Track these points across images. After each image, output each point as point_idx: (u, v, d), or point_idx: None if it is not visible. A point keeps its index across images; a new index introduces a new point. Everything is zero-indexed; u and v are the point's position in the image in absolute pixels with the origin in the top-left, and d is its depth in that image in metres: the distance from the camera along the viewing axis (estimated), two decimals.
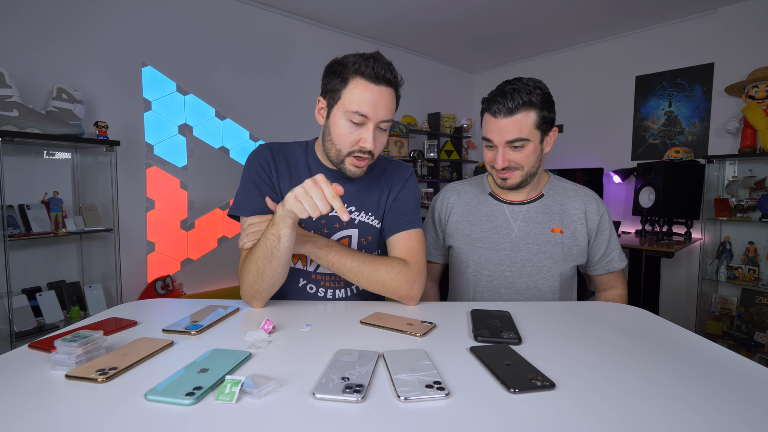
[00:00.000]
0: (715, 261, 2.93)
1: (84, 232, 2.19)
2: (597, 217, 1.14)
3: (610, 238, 1.15)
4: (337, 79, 0.89)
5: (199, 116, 2.75)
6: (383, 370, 0.59)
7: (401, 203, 1.01)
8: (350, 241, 1.00)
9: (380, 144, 0.93)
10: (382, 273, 0.90)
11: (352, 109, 0.86)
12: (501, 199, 1.18)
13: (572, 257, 1.13)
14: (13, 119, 1.88)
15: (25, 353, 0.64)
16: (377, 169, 1.05)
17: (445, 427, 0.45)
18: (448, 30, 3.46)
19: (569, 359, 0.63)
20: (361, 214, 1.00)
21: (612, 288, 1.21)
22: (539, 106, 1.02)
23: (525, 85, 1.02)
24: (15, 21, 2.06)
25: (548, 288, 1.13)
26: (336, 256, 0.89)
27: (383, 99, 0.87)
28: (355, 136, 0.89)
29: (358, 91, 0.86)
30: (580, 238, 1.14)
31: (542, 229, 1.13)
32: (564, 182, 1.20)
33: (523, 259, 1.13)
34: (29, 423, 0.45)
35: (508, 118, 1.02)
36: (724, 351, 0.66)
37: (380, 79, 0.86)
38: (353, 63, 0.87)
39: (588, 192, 1.18)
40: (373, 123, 0.88)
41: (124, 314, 0.83)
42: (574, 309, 0.92)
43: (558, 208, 1.15)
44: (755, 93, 2.69)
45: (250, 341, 0.68)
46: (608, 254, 1.16)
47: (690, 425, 0.46)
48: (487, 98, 1.07)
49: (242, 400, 0.50)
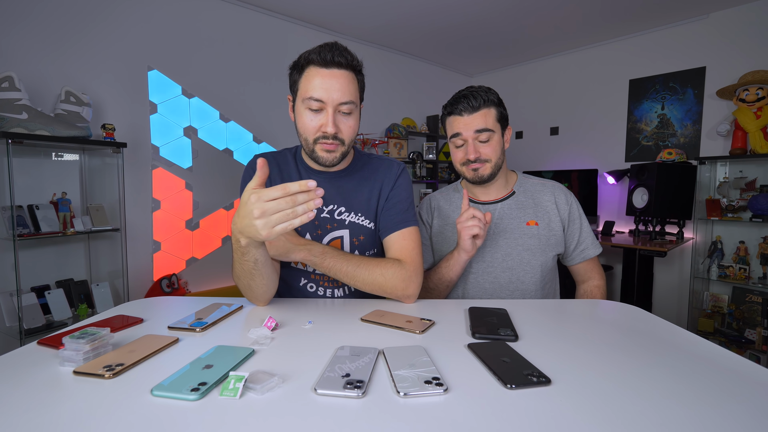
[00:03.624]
0: (706, 260, 2.92)
1: (91, 232, 2.19)
2: (567, 207, 1.18)
3: (581, 226, 1.19)
4: (294, 73, 0.91)
5: (204, 119, 2.75)
6: (383, 366, 0.59)
7: (393, 202, 1.00)
8: (342, 241, 0.99)
9: (347, 128, 0.90)
10: (377, 275, 0.90)
11: (308, 96, 0.87)
12: (475, 200, 1.21)
13: (550, 247, 1.16)
14: (23, 122, 1.88)
15: (34, 350, 0.64)
16: (368, 168, 1.03)
17: (444, 421, 0.45)
18: (446, 34, 3.46)
19: (564, 356, 0.63)
20: (351, 214, 0.99)
21: (589, 279, 1.23)
22: (497, 103, 1.12)
23: (479, 89, 1.11)
24: (25, 26, 2.06)
25: (530, 280, 1.14)
26: (332, 261, 0.89)
27: (337, 82, 0.86)
28: (316, 122, 0.88)
29: (310, 78, 0.87)
30: (556, 227, 1.17)
31: (518, 223, 1.16)
32: (532, 178, 1.24)
33: (503, 254, 1.15)
34: (38, 417, 0.45)
35: (473, 114, 1.09)
36: (716, 348, 0.66)
37: (330, 62, 0.86)
38: (306, 53, 0.88)
39: (555, 184, 1.22)
40: (331, 107, 0.87)
41: (131, 312, 0.83)
42: (569, 307, 0.92)
43: (530, 202, 1.19)
44: (746, 96, 2.69)
45: (254, 338, 0.68)
46: (582, 242, 1.19)
47: (682, 420, 0.46)
48: (449, 103, 1.14)
49: (246, 395, 0.50)
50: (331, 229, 0.99)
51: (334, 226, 0.99)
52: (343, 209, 0.99)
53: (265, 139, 3.04)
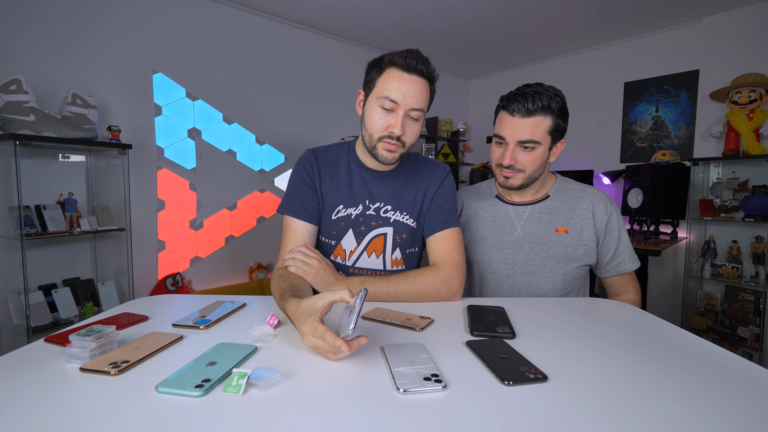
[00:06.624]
0: (700, 259, 2.92)
1: (97, 232, 2.19)
2: (605, 217, 1.09)
3: (619, 239, 1.10)
4: (374, 70, 0.92)
5: (208, 121, 2.75)
6: (383, 363, 0.59)
7: (438, 203, 1.02)
8: (385, 238, 1.01)
9: (411, 133, 0.93)
10: (419, 284, 0.91)
11: (384, 95, 0.89)
12: (506, 200, 1.16)
13: (577, 257, 1.08)
14: (30, 124, 1.88)
15: (41, 347, 0.64)
16: (414, 169, 1.05)
17: (443, 417, 0.45)
18: (444, 38, 3.46)
19: (561, 353, 0.63)
20: (396, 213, 1.01)
21: (624, 293, 1.14)
22: (556, 113, 1.01)
23: (546, 90, 1.01)
24: (32, 29, 2.06)
25: (550, 287, 1.08)
26: (372, 288, 0.90)
27: (414, 88, 0.89)
28: (386, 121, 0.91)
29: (390, 79, 0.89)
30: (587, 238, 1.09)
31: (546, 228, 1.10)
32: (572, 183, 1.16)
33: (526, 258, 1.10)
34: (45, 414, 0.45)
35: (524, 119, 1.00)
36: (709, 345, 0.66)
37: (412, 69, 0.88)
38: (390, 55, 0.90)
39: (596, 192, 1.12)
40: (403, 110, 0.89)
41: (136, 310, 0.83)
42: (565, 305, 0.92)
43: (564, 208, 1.11)
44: (738, 98, 2.69)
45: (256, 335, 0.68)
46: (618, 255, 1.10)
47: (676, 416, 0.46)
48: (506, 96, 1.03)
49: (248, 392, 0.50)
50: (375, 226, 1.01)
51: (379, 223, 1.01)
52: (389, 207, 1.01)
53: (267, 141, 3.04)
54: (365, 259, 1.02)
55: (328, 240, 1.02)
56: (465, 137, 4.45)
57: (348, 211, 1.00)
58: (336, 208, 1.01)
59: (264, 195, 3.06)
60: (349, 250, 1.01)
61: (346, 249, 1.02)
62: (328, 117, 3.38)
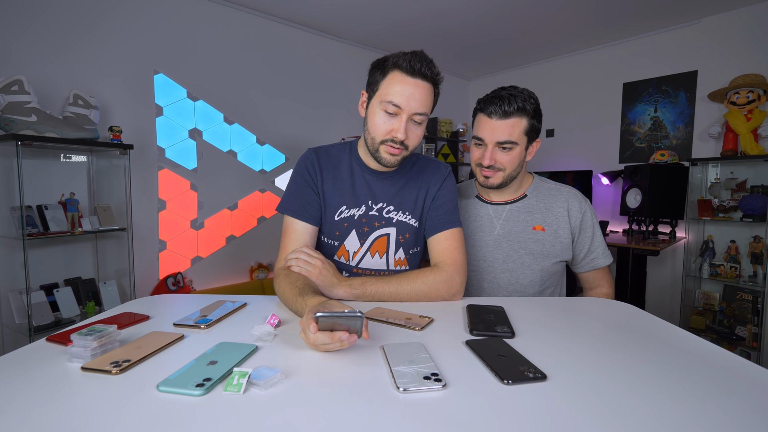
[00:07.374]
0: (698, 259, 2.92)
1: (99, 232, 2.19)
2: (579, 215, 1.13)
3: (593, 236, 1.14)
4: (378, 72, 0.90)
5: (209, 121, 2.75)
6: (383, 362, 0.59)
7: (439, 203, 1.01)
8: (388, 238, 1.01)
9: (414, 137, 0.92)
10: (420, 284, 0.91)
11: (387, 99, 0.87)
12: (485, 200, 1.19)
13: (554, 254, 1.13)
14: (32, 124, 1.88)
15: (43, 346, 0.64)
16: (416, 168, 1.05)
17: (442, 416, 0.45)
18: (444, 39, 3.46)
19: (560, 352, 0.63)
20: (399, 213, 1.01)
21: (598, 287, 1.19)
22: (531, 115, 1.05)
23: (521, 92, 1.04)
24: (34, 31, 2.06)
25: (528, 282, 1.12)
26: (373, 288, 0.90)
27: (418, 92, 0.87)
28: (389, 125, 0.90)
29: (393, 83, 0.87)
30: (563, 235, 1.13)
31: (523, 227, 1.14)
32: (548, 182, 1.20)
33: (504, 255, 1.13)
34: (47, 413, 0.45)
35: (501, 120, 1.03)
36: (707, 344, 0.66)
37: (416, 72, 0.87)
38: (393, 57, 0.88)
39: (571, 190, 1.17)
40: (406, 114, 0.88)
41: (137, 309, 0.83)
42: (565, 305, 0.92)
43: (541, 207, 1.15)
44: (737, 99, 2.69)
45: (257, 335, 0.68)
46: (592, 251, 1.15)
47: (675, 415, 0.46)
48: (483, 99, 1.07)
49: (249, 391, 0.50)
50: (378, 227, 1.00)
51: (381, 223, 1.00)
52: (392, 208, 1.01)
53: (268, 141, 3.04)
54: (369, 260, 1.02)
55: (330, 241, 1.02)
56: (465, 137, 4.45)
57: (351, 212, 1.00)
58: (339, 209, 1.00)
59: (265, 195, 3.06)
60: (353, 251, 1.01)
61: (349, 250, 1.01)
62: (328, 117, 3.38)
